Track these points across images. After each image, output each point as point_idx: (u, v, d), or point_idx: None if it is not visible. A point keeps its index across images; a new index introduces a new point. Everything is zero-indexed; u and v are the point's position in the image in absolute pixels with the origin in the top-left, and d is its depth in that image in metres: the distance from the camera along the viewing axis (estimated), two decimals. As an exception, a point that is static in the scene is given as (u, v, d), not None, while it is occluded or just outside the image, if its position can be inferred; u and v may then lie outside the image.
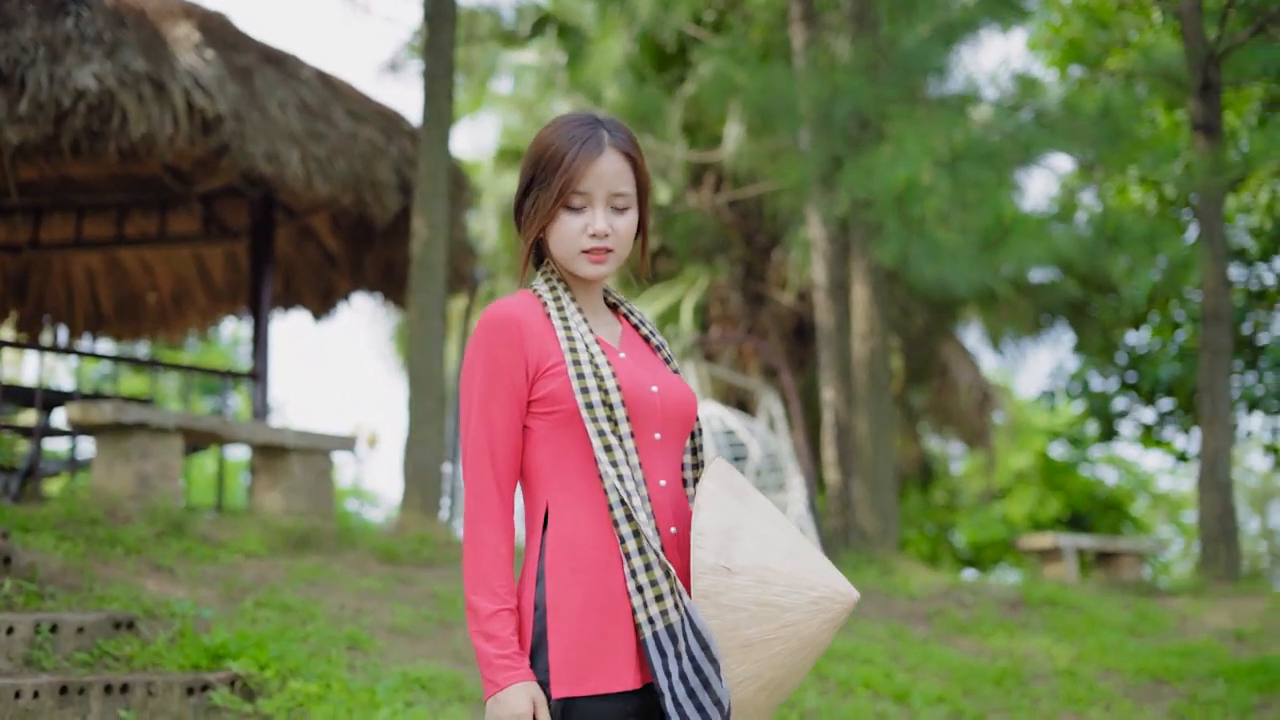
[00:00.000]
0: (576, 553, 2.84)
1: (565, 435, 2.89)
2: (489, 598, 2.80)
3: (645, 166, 3.06)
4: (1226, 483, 13.96)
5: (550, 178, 2.94)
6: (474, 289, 13.02)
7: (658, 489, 2.94)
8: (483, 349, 2.91)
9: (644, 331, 3.18)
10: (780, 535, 2.89)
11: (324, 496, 9.98)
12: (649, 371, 3.03)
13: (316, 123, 10.88)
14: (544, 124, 3.08)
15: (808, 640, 2.83)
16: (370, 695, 5.88)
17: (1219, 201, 14.63)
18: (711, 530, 2.79)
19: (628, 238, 3.01)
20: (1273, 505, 39.40)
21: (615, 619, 2.81)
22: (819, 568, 2.86)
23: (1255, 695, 8.66)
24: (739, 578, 2.77)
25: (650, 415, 2.95)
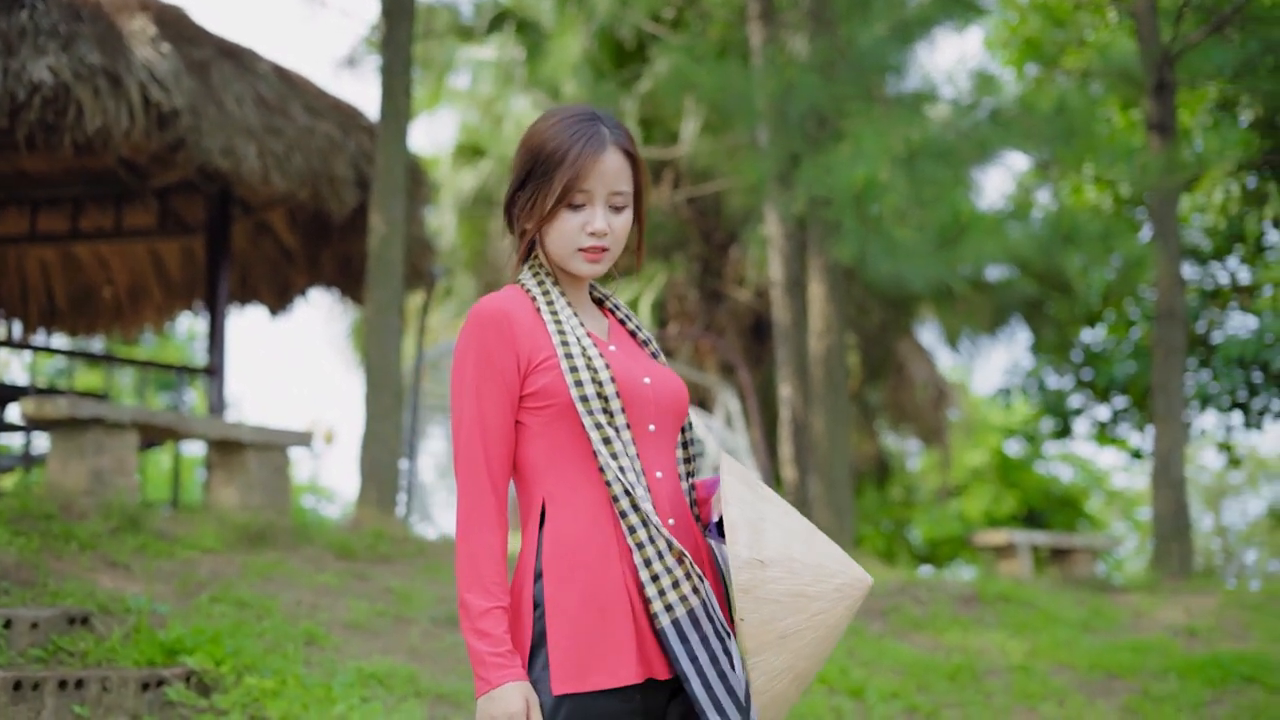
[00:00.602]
0: (574, 547, 2.82)
1: (559, 430, 2.88)
2: (482, 595, 2.79)
3: (643, 164, 3.04)
4: (1179, 480, 14.07)
5: (552, 174, 2.91)
6: (431, 285, 13.00)
7: (655, 480, 2.93)
8: (474, 345, 2.90)
9: (630, 326, 3.17)
10: (797, 525, 2.90)
11: (280, 492, 9.96)
12: (639, 364, 3.02)
13: (273, 117, 10.85)
14: (540, 117, 3.03)
15: (833, 628, 2.85)
16: (326, 690, 5.87)
17: (1173, 201, 14.73)
18: (742, 524, 2.79)
19: (623, 236, 3.00)
20: (1226, 502, 39.67)
21: (616, 613, 2.79)
22: (836, 554, 2.88)
23: (1207, 690, 8.73)
24: (771, 570, 2.77)
25: (644, 407, 2.94)
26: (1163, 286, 14.46)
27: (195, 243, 13.04)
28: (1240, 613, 10.97)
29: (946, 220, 11.83)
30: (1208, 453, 34.72)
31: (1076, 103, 13.36)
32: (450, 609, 7.72)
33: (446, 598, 7.98)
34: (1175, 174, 13.97)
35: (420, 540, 9.66)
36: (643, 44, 18.96)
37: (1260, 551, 37.33)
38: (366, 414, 10.48)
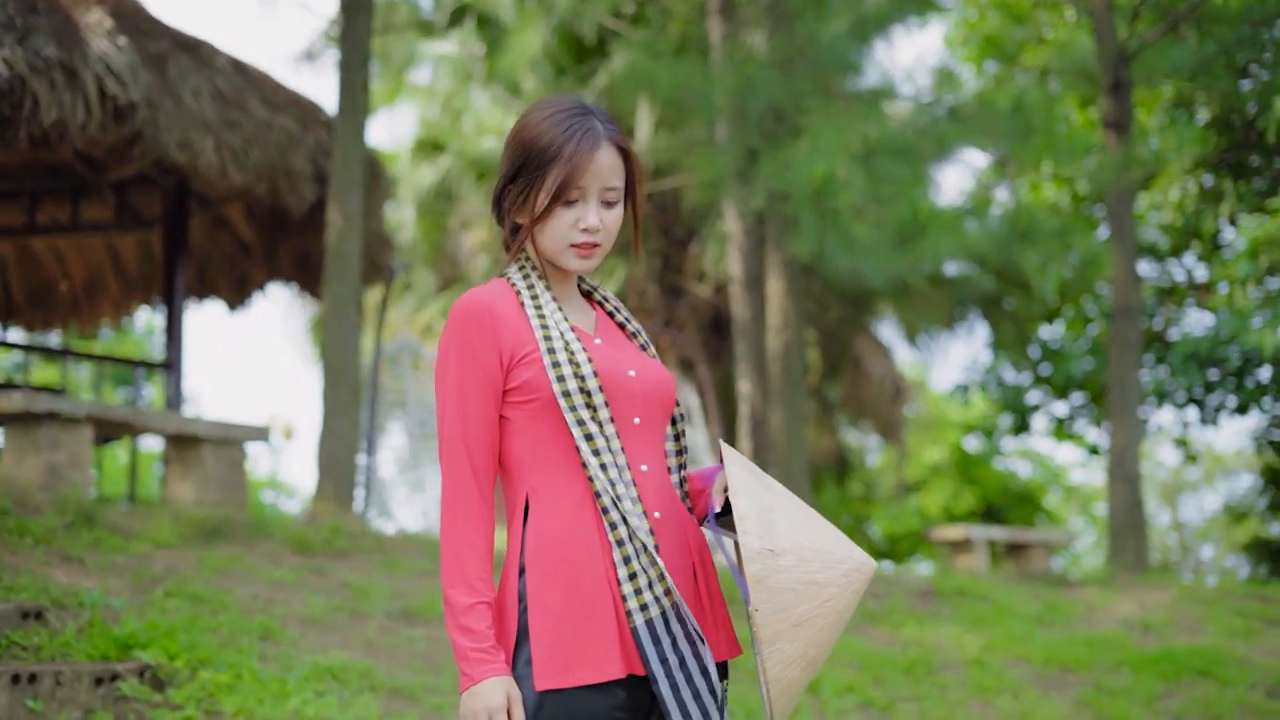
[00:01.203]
0: (557, 543, 2.82)
1: (543, 424, 2.88)
2: (465, 591, 2.78)
3: (636, 158, 3.03)
4: (1135, 475, 14.17)
5: (545, 171, 2.90)
6: (390, 280, 12.99)
7: (640, 474, 2.92)
8: (456, 339, 2.89)
9: (619, 318, 3.16)
10: (802, 511, 2.90)
11: (237, 487, 9.94)
12: (625, 356, 3.01)
13: (231, 111, 10.82)
14: (530, 108, 3.02)
15: (842, 612, 2.85)
16: (281, 685, 5.87)
17: (1129, 198, 14.84)
18: (752, 515, 2.78)
19: (615, 231, 2.99)
20: (1183, 498, 39.90)
21: (599, 608, 2.79)
22: (840, 539, 2.89)
23: (1160, 684, 8.80)
24: (782, 559, 2.77)
25: (629, 400, 2.94)
26: (1118, 283, 14.56)
27: (152, 237, 12.98)
28: (1194, 607, 11.06)
29: (904, 217, 11.88)
30: (1165, 449, 34.93)
31: (1034, 100, 13.43)
32: (406, 603, 7.72)
33: (403, 593, 7.99)
34: (1131, 172, 14.06)
35: (378, 535, 9.66)
36: (603, 39, 18.95)
37: (1217, 547, 37.55)
38: (324, 409, 10.46)
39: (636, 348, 3.10)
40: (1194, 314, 20.70)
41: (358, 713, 5.86)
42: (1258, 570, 23.36)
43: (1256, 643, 10.13)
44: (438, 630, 7.44)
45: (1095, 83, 15.71)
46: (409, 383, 14.61)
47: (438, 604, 7.74)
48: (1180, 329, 20.17)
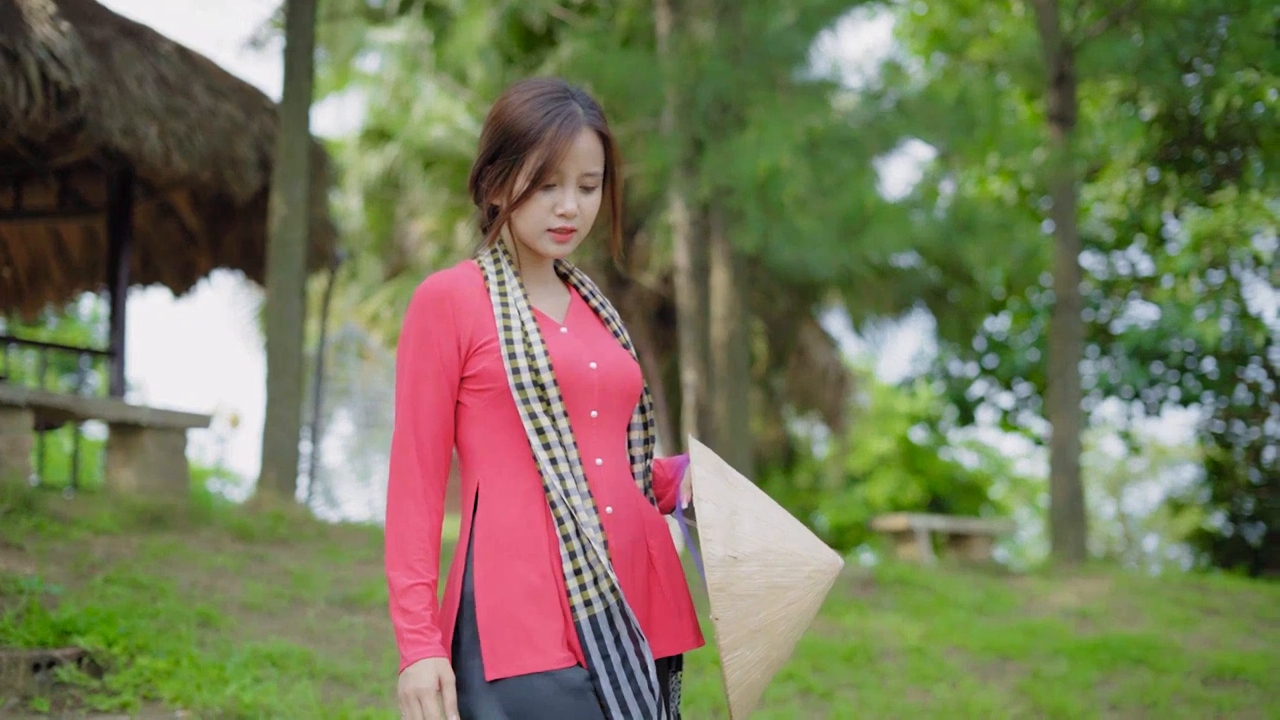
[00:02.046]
0: (505, 535, 2.82)
1: (497, 413, 2.87)
2: (405, 572, 2.80)
3: (616, 143, 3.02)
4: (1076, 467, 14.30)
5: (524, 154, 2.88)
6: (335, 268, 12.97)
7: (593, 468, 2.91)
8: (415, 323, 2.89)
9: (594, 303, 3.14)
10: (769, 512, 2.88)
11: (178, 474, 9.92)
12: (590, 346, 2.99)
13: (175, 98, 10.78)
14: (510, 89, 3.00)
15: (805, 613, 2.84)
16: (219, 671, 5.87)
17: (1072, 192, 14.95)
18: (716, 520, 2.76)
19: (592, 217, 2.98)
20: (1127, 489, 40.19)
21: (546, 599, 2.79)
22: (806, 539, 2.87)
23: (1096, 672, 8.89)
24: (746, 565, 2.75)
25: (586, 393, 2.92)
26: (1061, 276, 14.68)
27: (96, 223, 12.94)
28: (1132, 597, 11.18)
29: (849, 209, 11.93)
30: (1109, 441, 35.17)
31: (979, 94, 13.52)
32: (347, 590, 7.73)
33: (344, 579, 8.00)
34: (1073, 165, 14.17)
35: (320, 523, 9.66)
36: (551, 29, 18.94)
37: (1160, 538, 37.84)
38: (267, 397, 10.45)
39: (609, 335, 3.08)
40: (1138, 307, 20.87)
41: (296, 699, 5.86)
42: (1199, 561, 23.57)
43: (1193, 631, 10.25)
44: (378, 618, 7.45)
45: (1040, 76, 15.82)
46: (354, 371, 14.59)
47: (378, 591, 7.75)
48: (1125, 321, 20.34)
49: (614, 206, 3.06)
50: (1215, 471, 23.82)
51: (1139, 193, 19.43)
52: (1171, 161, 19.15)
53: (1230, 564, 21.40)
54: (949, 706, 8.00)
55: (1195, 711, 8.44)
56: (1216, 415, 22.45)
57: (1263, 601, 11.44)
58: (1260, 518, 22.56)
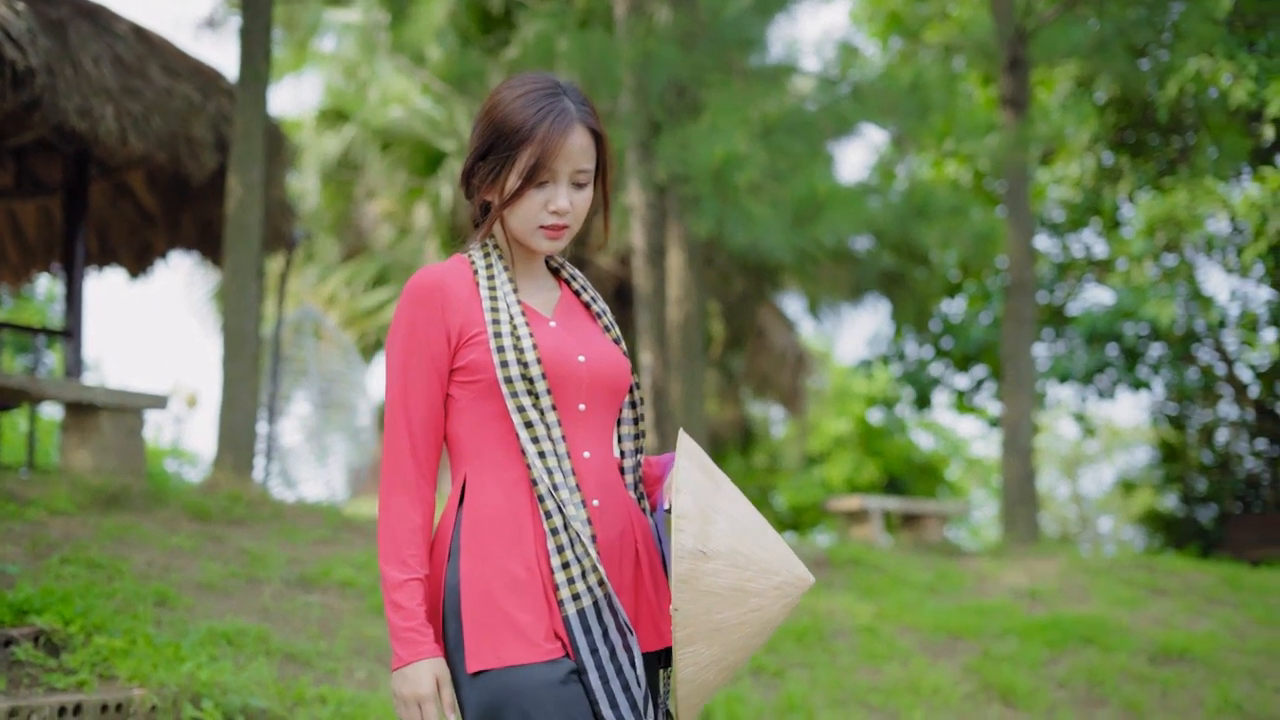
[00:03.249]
0: (491, 526, 2.83)
1: (486, 406, 2.88)
2: (399, 567, 2.80)
3: (608, 140, 3.02)
4: (1028, 448, 14.42)
5: (516, 151, 2.89)
6: (292, 248, 12.97)
7: (581, 460, 2.91)
8: (405, 316, 2.90)
9: (584, 297, 3.14)
10: (746, 517, 2.86)
11: (135, 455, 9.92)
12: (579, 340, 2.99)
13: (132, 78, 10.75)
14: (502, 85, 2.99)
15: (768, 623, 2.84)
16: (176, 650, 5.91)
17: (1025, 175, 15.06)
18: (692, 514, 2.76)
19: (584, 213, 2.98)
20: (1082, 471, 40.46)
21: (531, 592, 2.79)
22: (780, 551, 2.85)
23: (1045, 650, 9.01)
24: (714, 562, 2.74)
25: (575, 386, 2.92)
26: (1014, 260, 14.80)
27: (52, 203, 12.89)
28: (1082, 577, 11.30)
29: (803, 194, 11.99)
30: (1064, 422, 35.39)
31: (934, 78, 13.59)
32: (303, 570, 7.77)
33: (300, 559, 8.03)
34: (1027, 149, 14.27)
35: (277, 503, 9.68)
36: (509, 10, 18.94)
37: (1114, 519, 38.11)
38: (224, 378, 10.46)
39: (599, 329, 3.09)
40: (1093, 289, 21.03)
41: (252, 676, 5.91)
42: (1152, 541, 23.77)
43: (1141, 611, 10.38)
44: (333, 597, 7.50)
45: (995, 61, 15.92)
46: (312, 352, 14.59)
47: (334, 570, 7.80)
48: (1079, 304, 20.49)
49: (605, 202, 3.07)
50: (1168, 453, 24.04)
51: (1093, 176, 19.58)
52: (1126, 145, 19.31)
53: (1182, 545, 21.61)
54: (900, 685, 8.10)
55: (1142, 690, 8.57)
56: (1169, 397, 22.66)
57: (1210, 582, 11.59)
58: (1212, 499, 22.79)
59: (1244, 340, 19.90)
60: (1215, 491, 22.90)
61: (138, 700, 5.46)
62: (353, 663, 6.60)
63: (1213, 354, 20.87)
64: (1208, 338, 20.12)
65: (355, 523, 9.72)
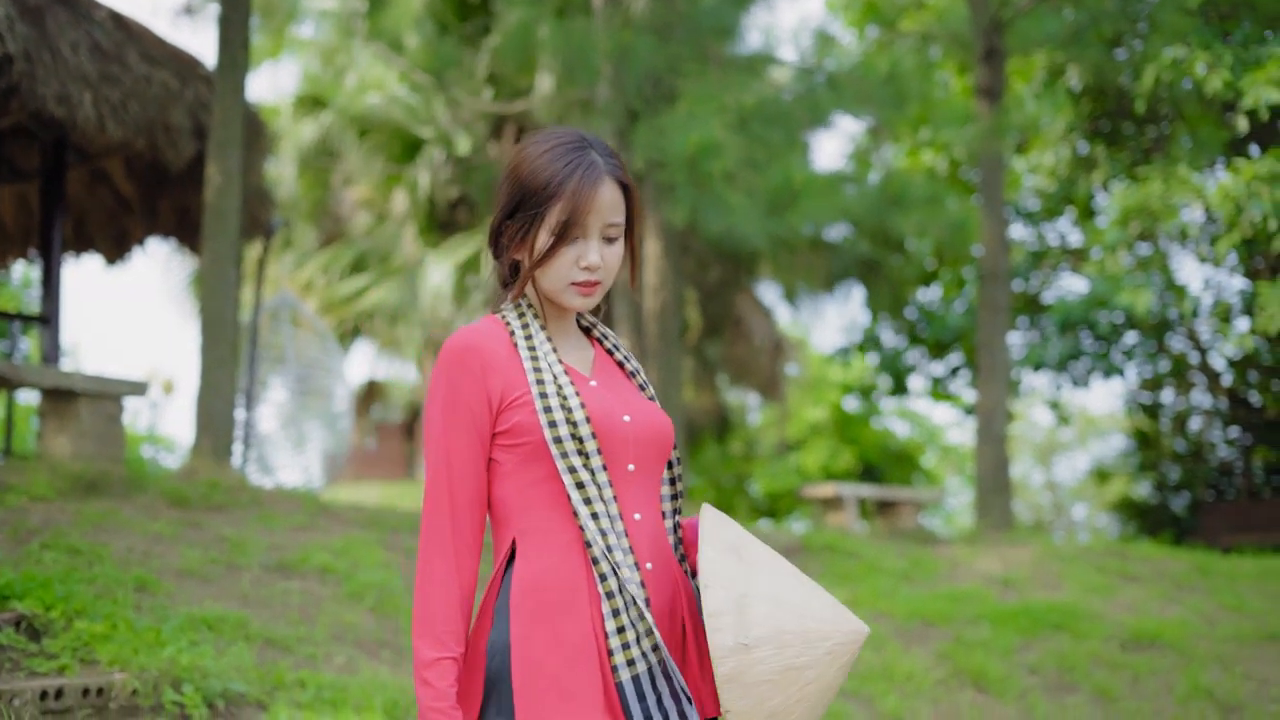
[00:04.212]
0: (544, 590, 2.73)
1: (533, 469, 2.77)
2: (432, 644, 2.71)
3: (637, 192, 2.94)
4: (1002, 436, 14.50)
5: (545, 209, 2.80)
6: (270, 235, 12.98)
7: (633, 523, 2.81)
8: (443, 380, 2.80)
9: (618, 357, 3.05)
10: (785, 587, 2.74)
11: (114, 441, 9.93)
12: (621, 399, 2.90)
13: (110, 65, 10.75)
14: (527, 141, 2.90)
15: (828, 688, 2.73)
16: (156, 635, 5.95)
17: (1000, 165, 15.13)
18: (724, 608, 2.64)
19: (615, 267, 2.89)
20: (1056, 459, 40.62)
21: (583, 659, 2.69)
22: (826, 612, 2.73)
23: (1017, 637, 9.09)
24: (758, 651, 2.63)
25: (623, 446, 2.82)
26: (989, 248, 14.87)
27: (30, 190, 12.88)
28: (1054, 564, 11.38)
29: (778, 183, 12.05)
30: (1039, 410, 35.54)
31: (909, 68, 13.66)
32: (282, 556, 7.81)
33: (279, 545, 8.07)
34: (1001, 139, 14.34)
35: (255, 490, 9.71)
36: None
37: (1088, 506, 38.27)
38: (202, 365, 10.48)
39: (634, 388, 2.99)
40: (1067, 278, 21.13)
41: (232, 661, 5.95)
42: (1126, 528, 23.91)
43: (1113, 598, 10.47)
44: (312, 583, 7.54)
45: (970, 50, 15.99)
46: (289, 338, 14.61)
47: (313, 557, 7.84)
48: (1054, 292, 20.59)
49: (632, 254, 2.96)
50: (1142, 441, 24.17)
51: (1068, 165, 19.66)
52: (1100, 135, 19.39)
53: (1156, 532, 21.74)
54: (874, 670, 8.17)
55: (1113, 676, 8.66)
56: (1143, 386, 22.79)
57: (1181, 569, 11.69)
58: (1185, 487, 22.93)
59: (1217, 329, 20.02)
60: (1188, 479, 23.05)
61: (119, 684, 5.50)
62: (331, 648, 6.65)
63: (1186, 343, 20.99)
64: (1181, 327, 20.23)
65: (333, 509, 9.76)
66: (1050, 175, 19.93)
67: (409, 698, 6.15)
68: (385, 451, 35.58)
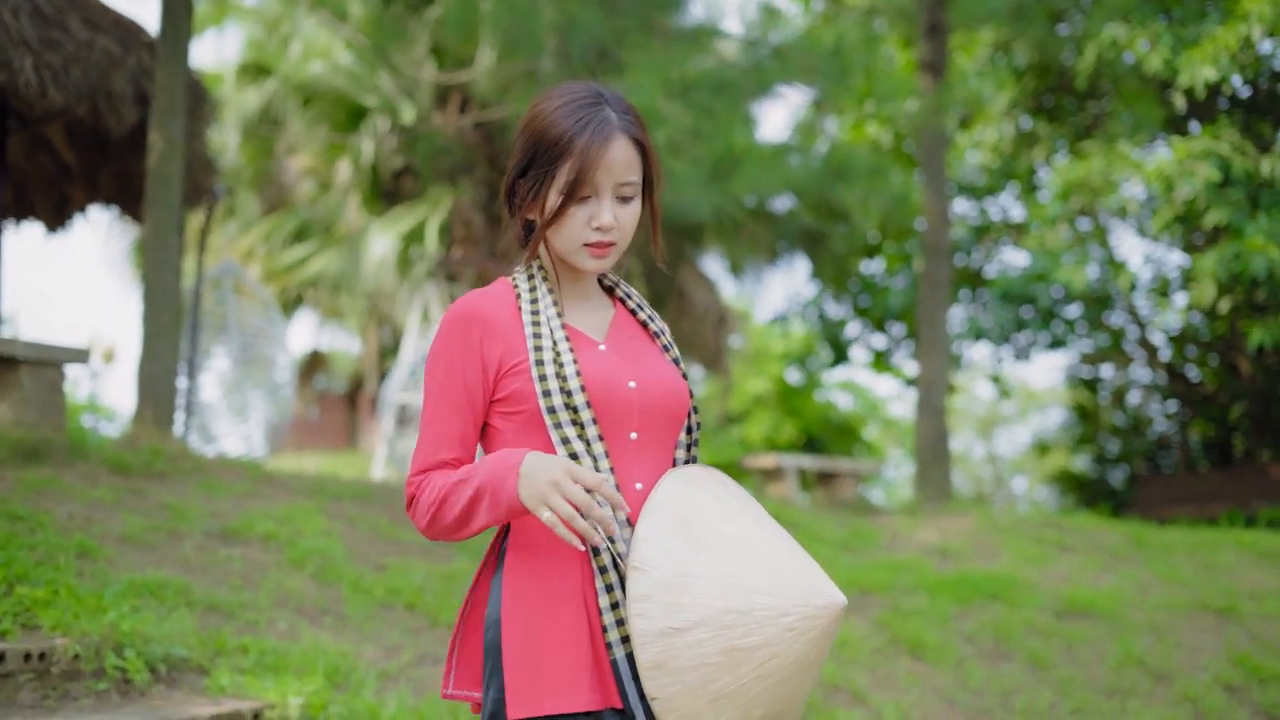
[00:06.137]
0: (536, 561, 2.69)
1: (530, 437, 2.73)
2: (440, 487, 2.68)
3: (654, 150, 2.87)
4: (941, 408, 14.64)
5: (555, 166, 2.74)
6: (213, 203, 12.94)
7: (633, 492, 2.74)
8: (440, 346, 2.76)
9: (641, 316, 2.99)
10: (736, 562, 2.61)
11: (55, 408, 9.89)
12: (631, 364, 2.83)
13: (51, 30, 10.68)
14: (542, 96, 2.84)
15: (796, 663, 2.59)
16: (98, 600, 5.96)
17: (942, 139, 15.24)
18: (653, 591, 2.57)
19: (631, 228, 2.83)
20: (997, 432, 40.93)
21: (575, 635, 2.65)
22: (792, 585, 2.60)
23: (954, 606, 9.20)
24: (693, 633, 2.55)
25: (624, 414, 2.76)
26: (930, 222, 14.98)
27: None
28: (992, 535, 11.51)
29: (720, 152, 12.10)
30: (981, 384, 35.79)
31: (854, 42, 13.72)
32: (224, 523, 7.82)
33: (221, 513, 8.08)
34: (944, 113, 14.44)
35: (197, 458, 9.71)
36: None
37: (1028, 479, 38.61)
38: (144, 333, 10.44)
39: (656, 350, 2.93)
40: (1009, 252, 21.30)
41: (174, 627, 5.98)
42: (1065, 501, 24.16)
43: (1048, 568, 10.61)
44: (255, 550, 7.56)
45: (915, 24, 16.08)
46: (232, 307, 14.57)
47: (256, 524, 7.85)
48: (996, 266, 20.75)
49: (653, 215, 2.90)
50: (1081, 415, 24.42)
51: (1011, 140, 19.81)
52: (1043, 111, 19.55)
53: (1094, 504, 21.98)
54: (811, 638, 8.24)
55: (1047, 644, 8.78)
56: (1083, 360, 23.01)
57: (1116, 540, 11.84)
58: (1124, 460, 23.19)
59: (1156, 304, 20.23)
60: (1127, 452, 23.31)
61: (60, 649, 5.52)
62: (274, 614, 6.68)
63: (1126, 317, 21.20)
64: (1121, 301, 20.43)
65: (276, 477, 9.77)
66: (993, 150, 20.07)
67: (349, 663, 6.19)
68: (328, 421, 35.51)
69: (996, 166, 20.26)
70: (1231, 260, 15.12)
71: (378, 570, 7.80)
